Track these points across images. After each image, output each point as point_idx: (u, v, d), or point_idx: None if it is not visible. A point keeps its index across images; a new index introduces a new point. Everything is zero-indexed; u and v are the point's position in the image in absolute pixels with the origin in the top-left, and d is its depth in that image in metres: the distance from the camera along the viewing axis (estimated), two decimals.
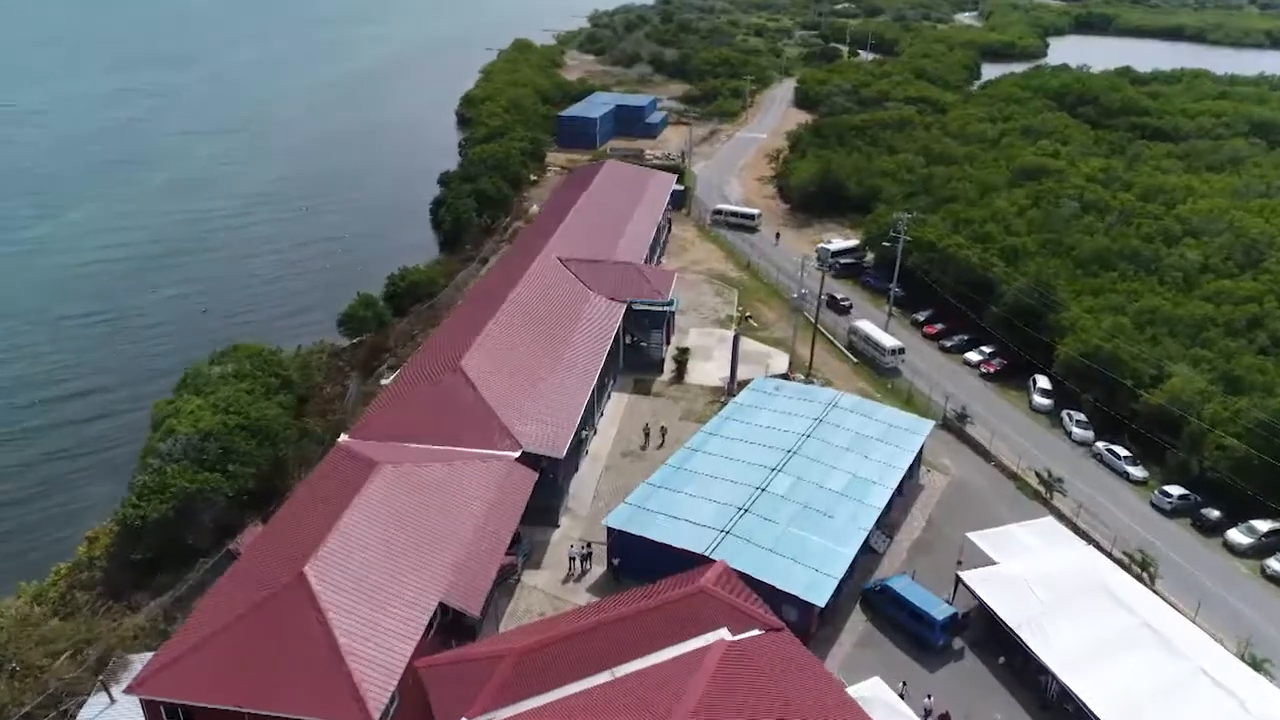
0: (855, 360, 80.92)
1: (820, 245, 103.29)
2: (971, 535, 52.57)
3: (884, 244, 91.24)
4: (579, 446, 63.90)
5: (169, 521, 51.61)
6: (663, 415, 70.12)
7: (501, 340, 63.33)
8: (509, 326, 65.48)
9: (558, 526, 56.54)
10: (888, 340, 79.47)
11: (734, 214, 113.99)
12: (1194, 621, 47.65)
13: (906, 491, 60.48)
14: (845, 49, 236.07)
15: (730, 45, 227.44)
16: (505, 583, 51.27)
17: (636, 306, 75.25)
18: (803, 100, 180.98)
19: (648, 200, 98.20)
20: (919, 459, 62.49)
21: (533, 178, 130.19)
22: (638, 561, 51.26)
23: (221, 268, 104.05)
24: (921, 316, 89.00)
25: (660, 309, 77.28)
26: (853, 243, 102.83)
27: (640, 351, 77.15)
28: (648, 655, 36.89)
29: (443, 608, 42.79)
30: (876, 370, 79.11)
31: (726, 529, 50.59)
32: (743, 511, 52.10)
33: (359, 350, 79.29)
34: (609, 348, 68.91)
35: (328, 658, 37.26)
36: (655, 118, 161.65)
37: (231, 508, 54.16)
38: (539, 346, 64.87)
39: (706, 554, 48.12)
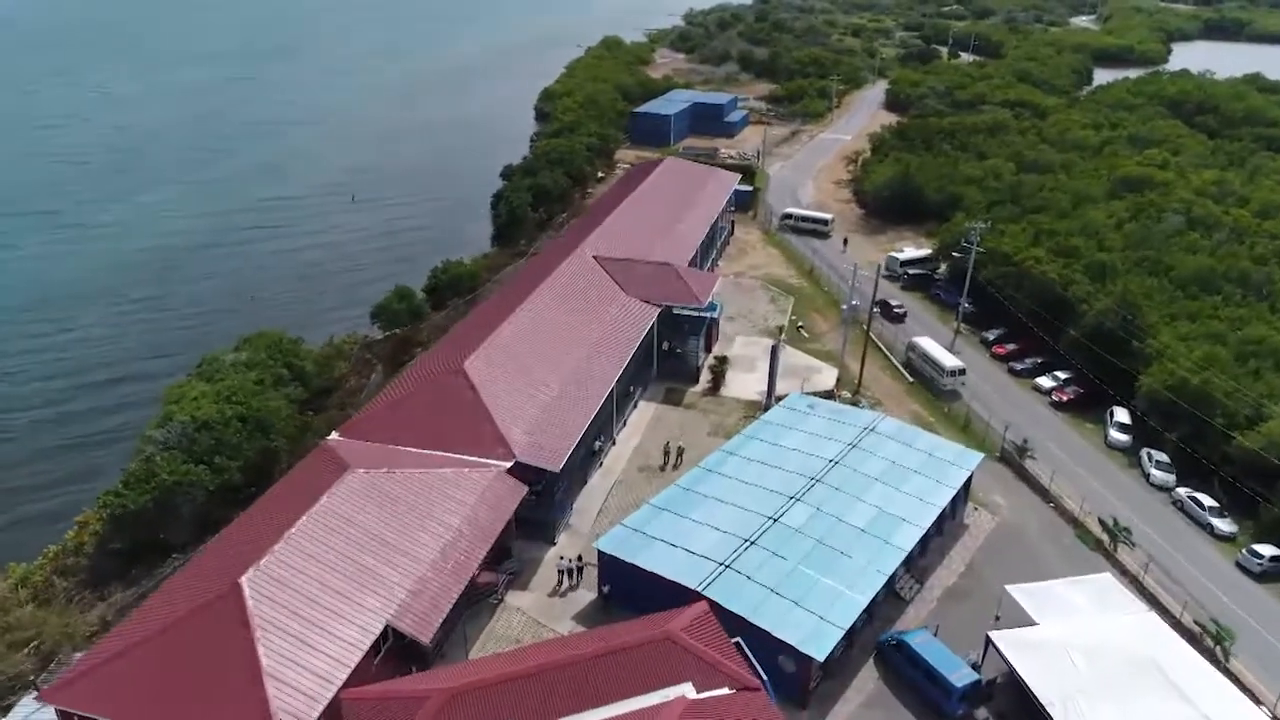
0: (911, 379, 74.19)
1: (889, 254, 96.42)
2: (1011, 589, 46.01)
3: (954, 255, 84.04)
4: (592, 459, 59.71)
5: (149, 513, 49.63)
6: (690, 430, 65.26)
7: (514, 340, 59.55)
8: (525, 326, 61.65)
9: (554, 544, 52.37)
10: (948, 359, 72.49)
11: (805, 219, 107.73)
12: (1273, 717, 40.18)
13: (946, 531, 54.12)
14: (945, 51, 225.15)
15: (824, 45, 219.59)
16: (486, 601, 47.41)
17: (677, 311, 70.53)
18: (893, 102, 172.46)
19: (704, 200, 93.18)
20: (965, 495, 56.01)
21: (599, 174, 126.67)
22: (629, 591, 46.73)
23: (276, 255, 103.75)
24: (991, 335, 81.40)
25: (699, 314, 72.44)
26: (924, 252, 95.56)
27: (676, 359, 72.36)
28: (594, 710, 32.32)
29: (395, 631, 39.16)
30: (933, 392, 72.23)
31: (727, 562, 45.46)
32: (749, 543, 46.85)
33: (388, 343, 76.89)
34: (634, 353, 64.49)
35: (247, 679, 34.01)
36: (734, 116, 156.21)
37: (215, 502, 51.89)
38: (555, 348, 60.82)
39: (699, 589, 43.19)
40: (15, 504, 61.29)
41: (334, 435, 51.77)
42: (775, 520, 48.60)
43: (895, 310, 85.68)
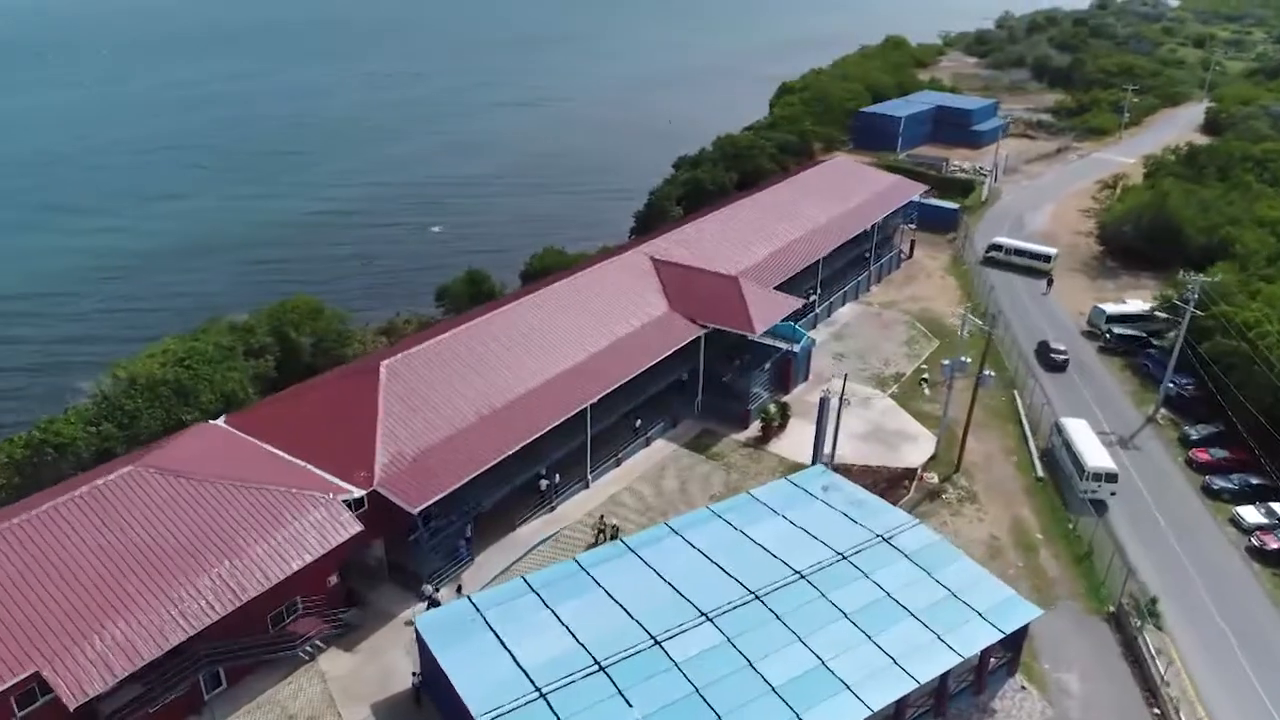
0: (1041, 475, 53.80)
1: (1096, 305, 73.57)
2: None
3: (1161, 314, 61.27)
4: (540, 499, 48.04)
5: (29, 466, 45.65)
6: (695, 486, 51.26)
7: (468, 343, 49.22)
8: (495, 328, 51.05)
9: (427, 601, 41.56)
10: (1094, 457, 51.36)
11: (1018, 251, 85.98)
12: None
13: (964, 711, 36.21)
14: None
15: (1148, 54, 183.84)
16: (294, 653, 37.89)
17: (752, 339, 56.32)
18: (1214, 123, 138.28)
19: (855, 211, 76.28)
20: (1011, 662, 37.50)
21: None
22: (437, 689, 35.13)
23: (410, 230, 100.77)
24: (1196, 433, 57.79)
25: (773, 345, 57.66)
26: (1142, 308, 71.51)
27: (727, 394, 58.09)
28: None
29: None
30: (1064, 497, 51.66)
31: (546, 691, 32.16)
32: (597, 669, 33.12)
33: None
34: (659, 379, 52.03)
35: None
36: (987, 125, 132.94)
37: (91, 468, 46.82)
38: (535, 357, 49.64)
39: None
40: None
41: (220, 420, 44.79)
42: (657, 643, 34.24)
43: (1054, 356, 65.72)
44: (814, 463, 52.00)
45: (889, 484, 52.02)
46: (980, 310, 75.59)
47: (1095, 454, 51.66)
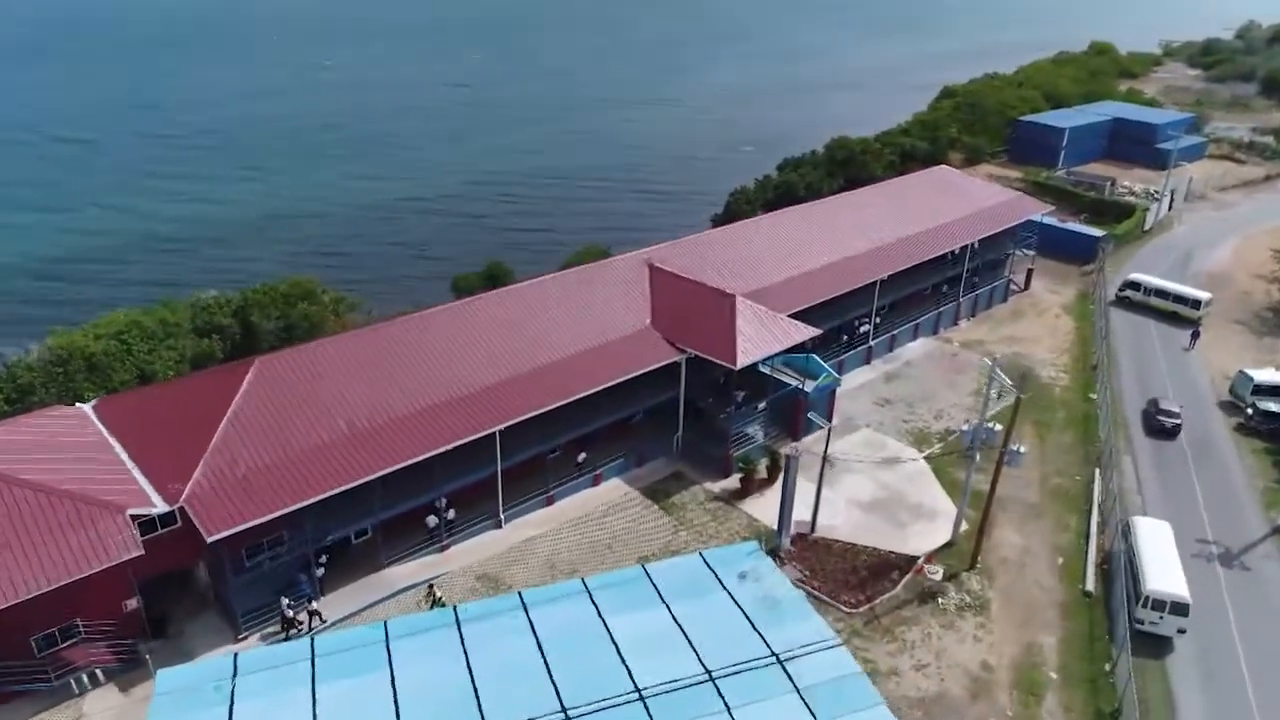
0: (1090, 587, 40.59)
1: (1243, 370, 57.46)
2: None
3: None
4: (429, 536, 40.80)
5: None
6: (626, 543, 42.34)
7: (406, 344, 42.78)
8: (444, 331, 44.22)
9: (282, 620, 35.41)
10: (1158, 577, 37.76)
11: (1161, 291, 69.86)
12: None
13: None
14: None
15: None
16: (59, 684, 32.68)
17: (763, 368, 46.81)
18: None
19: (939, 230, 63.59)
20: None
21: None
22: None
23: (473, 223, 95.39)
24: None
25: (784, 381, 47.71)
26: None
27: (712, 433, 48.45)
28: None
29: None
30: (1112, 624, 38.41)
31: None
32: None
33: None
34: (605, 404, 43.57)
35: None
36: (1177, 142, 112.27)
37: None
38: (455, 368, 42.43)
39: None
40: None
41: (85, 404, 40.47)
42: None
43: (1162, 418, 52.37)
44: (779, 534, 41.84)
45: (872, 573, 40.87)
46: (1091, 363, 61.29)
47: (1162, 572, 38.10)
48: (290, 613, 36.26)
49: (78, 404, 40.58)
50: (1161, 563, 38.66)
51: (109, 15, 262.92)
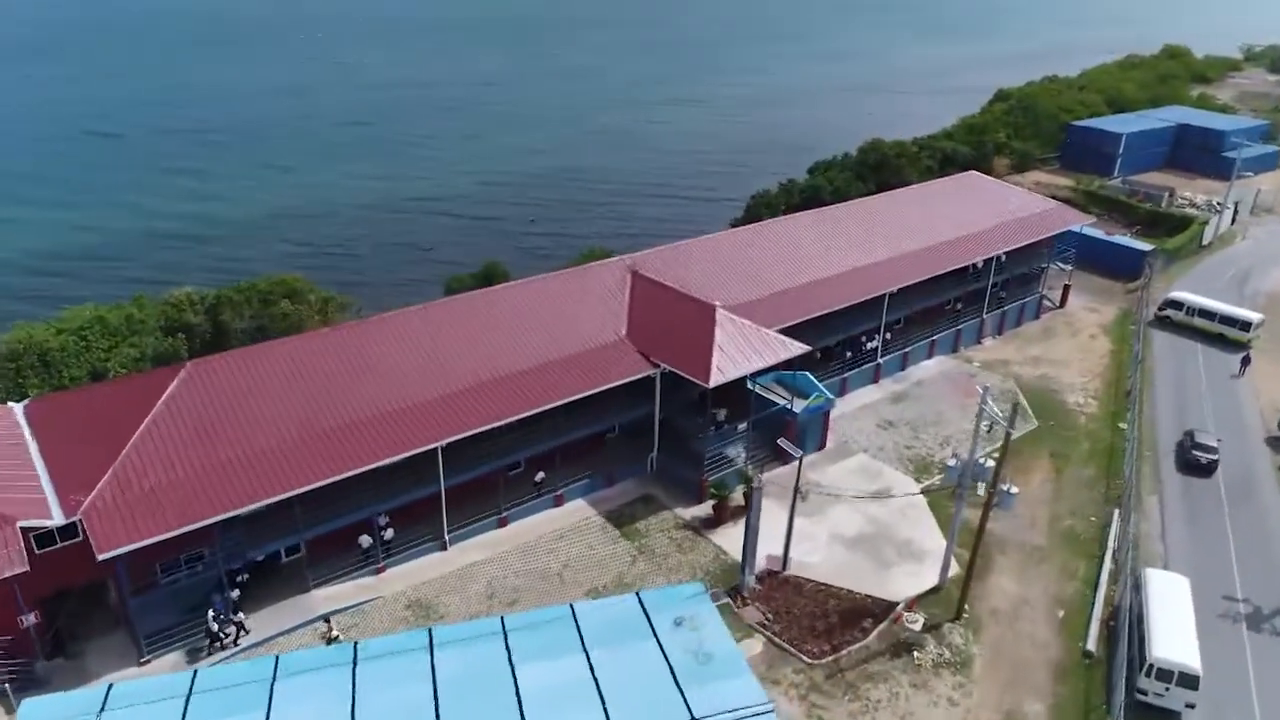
0: (1092, 646, 35.96)
1: None
2: None
3: None
4: (365, 557, 38.11)
5: None
6: (577, 572, 39.10)
7: (353, 351, 40.25)
8: (396, 337, 41.62)
9: (207, 632, 33.13)
10: (1166, 644, 33.06)
11: (1206, 312, 63.97)
12: None
13: None
14: None
15: None
16: None
17: (753, 385, 43.42)
18: None
19: (962, 242, 58.87)
20: None
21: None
22: None
23: (493, 223, 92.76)
24: None
25: (771, 400, 44.12)
26: None
27: (686, 455, 44.90)
28: None
29: None
30: (1110, 691, 33.80)
31: None
32: None
33: None
34: (565, 421, 40.44)
35: None
36: (1245, 151, 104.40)
37: None
38: (402, 379, 39.77)
39: None
40: None
41: (19, 404, 38.76)
42: None
43: (1198, 454, 47.51)
44: (743, 570, 38.15)
45: (843, 619, 36.88)
46: (1125, 389, 56.04)
47: (1172, 636, 33.40)
48: (215, 625, 34.03)
49: (9, 403, 38.88)
50: (1172, 625, 33.95)
51: (164, 13, 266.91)
